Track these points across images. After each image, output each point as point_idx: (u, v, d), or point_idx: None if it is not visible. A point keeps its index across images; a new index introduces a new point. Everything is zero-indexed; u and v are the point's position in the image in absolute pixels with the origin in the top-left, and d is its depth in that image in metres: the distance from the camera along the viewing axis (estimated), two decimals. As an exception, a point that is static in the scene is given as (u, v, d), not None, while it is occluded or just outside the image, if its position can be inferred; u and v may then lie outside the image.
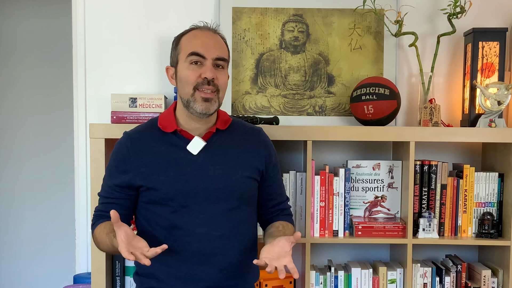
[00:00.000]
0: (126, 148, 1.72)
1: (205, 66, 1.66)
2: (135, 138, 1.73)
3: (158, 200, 1.68)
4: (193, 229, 1.67)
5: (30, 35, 3.92)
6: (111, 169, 1.74)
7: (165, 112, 1.77)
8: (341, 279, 2.20)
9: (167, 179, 1.67)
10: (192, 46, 1.67)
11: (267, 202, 1.84)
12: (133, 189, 1.71)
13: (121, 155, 1.72)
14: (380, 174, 2.26)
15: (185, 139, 1.72)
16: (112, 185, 1.72)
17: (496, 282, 2.18)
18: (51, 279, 3.93)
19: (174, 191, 1.67)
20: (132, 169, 1.69)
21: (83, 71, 2.38)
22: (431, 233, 2.15)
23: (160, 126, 1.73)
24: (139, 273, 1.78)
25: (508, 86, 2.14)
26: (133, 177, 1.69)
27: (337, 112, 2.38)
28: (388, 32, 2.33)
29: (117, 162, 1.72)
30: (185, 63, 1.67)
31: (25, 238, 4.00)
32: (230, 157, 1.74)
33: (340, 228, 2.18)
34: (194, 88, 1.66)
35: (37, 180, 3.97)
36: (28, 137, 3.97)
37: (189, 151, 1.70)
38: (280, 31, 2.37)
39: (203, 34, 1.70)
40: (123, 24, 2.38)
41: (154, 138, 1.73)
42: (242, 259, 1.74)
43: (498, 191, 2.20)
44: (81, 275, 2.38)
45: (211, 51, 1.67)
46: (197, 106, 1.66)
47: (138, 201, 1.74)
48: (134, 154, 1.70)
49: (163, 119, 1.75)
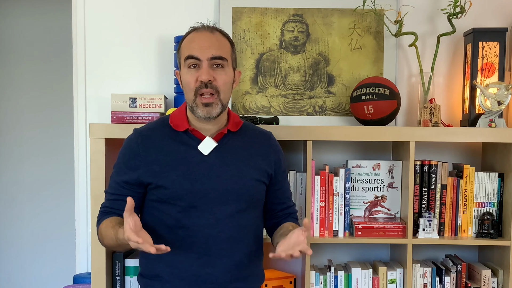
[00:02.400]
0: (136, 144, 1.70)
1: (201, 68, 1.66)
2: (146, 135, 1.72)
3: (167, 198, 1.67)
4: (200, 229, 1.66)
5: (30, 35, 3.92)
6: (120, 166, 1.72)
7: (177, 110, 1.77)
8: (341, 279, 2.20)
9: (176, 178, 1.66)
10: (188, 49, 1.67)
11: (275, 206, 1.83)
12: (141, 186, 1.70)
13: (130, 151, 1.71)
14: (380, 174, 2.26)
15: (196, 139, 1.71)
16: (120, 181, 1.70)
17: (496, 282, 2.18)
18: (51, 279, 3.93)
19: (183, 190, 1.66)
20: (142, 166, 1.68)
21: (83, 71, 2.38)
22: (431, 233, 2.15)
23: (172, 125, 1.72)
24: (143, 275, 1.77)
25: (508, 86, 2.14)
26: (142, 174, 1.68)
27: (337, 112, 2.38)
28: (388, 32, 2.33)
29: (126, 158, 1.71)
30: (185, 68, 1.67)
31: (25, 238, 4.00)
32: (240, 159, 1.73)
33: (340, 228, 2.18)
34: (195, 94, 1.66)
35: (37, 180, 3.97)
36: (28, 137, 3.97)
37: (200, 151, 1.69)
38: (280, 31, 2.37)
39: (199, 36, 1.68)
40: (123, 24, 2.38)
41: (165, 136, 1.72)
42: (248, 262, 1.74)
43: (498, 191, 2.20)
44: (81, 275, 2.38)
45: (206, 52, 1.66)
46: (199, 112, 1.67)
47: (146, 199, 1.73)
48: (144, 151, 1.69)
49: (174, 118, 1.74)
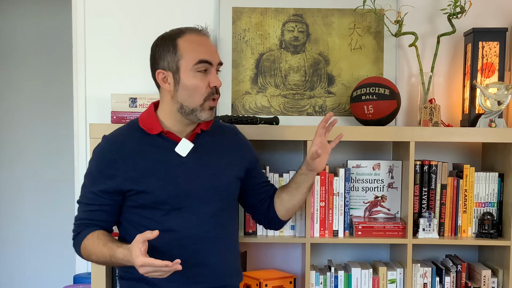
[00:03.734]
0: (110, 152, 1.68)
1: (211, 74, 1.66)
2: (119, 142, 1.69)
3: (149, 203, 1.66)
4: (187, 231, 1.67)
5: (30, 35, 3.92)
6: (95, 175, 1.68)
7: (145, 114, 1.74)
8: (341, 279, 2.20)
9: (158, 182, 1.66)
10: (199, 53, 1.64)
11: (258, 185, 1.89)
12: (120, 194, 1.67)
13: (105, 160, 1.67)
14: (380, 174, 2.26)
15: (171, 141, 1.70)
16: (97, 191, 1.66)
17: (496, 282, 2.18)
18: (51, 279, 3.93)
19: (166, 194, 1.66)
20: (120, 173, 1.65)
21: (83, 71, 2.38)
22: (431, 233, 2.15)
23: (145, 129, 1.70)
24: (124, 277, 1.73)
25: (508, 86, 2.14)
26: (121, 182, 1.65)
27: (337, 112, 2.38)
28: (388, 32, 2.33)
29: (101, 167, 1.67)
30: (191, 71, 1.64)
31: (25, 238, 4.00)
32: (216, 157, 1.75)
33: (340, 228, 2.18)
34: (205, 99, 1.65)
35: (37, 180, 3.97)
36: (28, 137, 3.96)
37: (177, 153, 1.69)
38: (280, 31, 2.37)
39: (204, 40, 1.68)
40: (123, 24, 2.38)
41: (139, 141, 1.69)
42: (231, 260, 1.78)
43: (498, 191, 2.20)
44: (81, 275, 2.39)
45: (215, 56, 1.67)
46: (203, 115, 1.67)
47: (124, 205, 1.70)
48: (120, 158, 1.66)
49: (145, 121, 1.71)
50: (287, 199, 1.87)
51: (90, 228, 1.67)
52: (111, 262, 1.62)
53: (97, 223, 1.68)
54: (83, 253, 1.68)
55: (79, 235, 1.68)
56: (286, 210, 1.89)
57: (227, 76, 2.35)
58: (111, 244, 1.59)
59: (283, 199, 1.88)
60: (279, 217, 1.90)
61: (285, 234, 2.18)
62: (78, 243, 1.68)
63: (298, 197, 1.88)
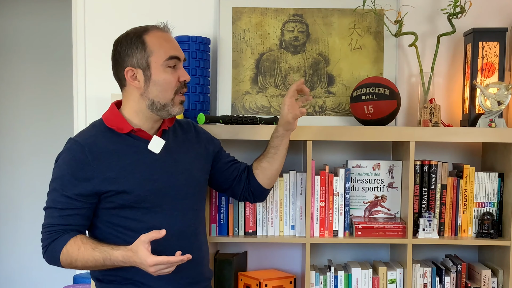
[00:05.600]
0: (82, 154, 1.63)
1: (180, 68, 1.70)
2: (91, 143, 1.65)
3: (129, 203, 1.65)
4: (171, 227, 1.64)
5: (30, 35, 3.92)
6: (67, 178, 1.62)
7: (109, 114, 1.72)
8: (341, 279, 2.20)
9: (136, 181, 1.65)
10: (169, 49, 1.68)
11: (226, 165, 1.94)
12: (96, 196, 1.64)
13: (77, 162, 1.62)
14: (380, 174, 2.26)
15: (141, 139, 1.70)
16: (72, 194, 1.62)
17: (496, 282, 2.18)
18: (51, 279, 3.93)
19: (146, 192, 1.66)
20: (95, 175, 1.62)
21: (83, 71, 2.38)
22: (431, 233, 2.15)
23: (115, 128, 1.68)
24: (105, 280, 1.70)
25: (508, 86, 2.14)
26: (99, 183, 1.62)
27: (337, 112, 2.38)
28: (388, 32, 2.33)
29: (74, 170, 1.62)
30: (162, 67, 1.66)
31: (25, 238, 4.00)
32: (184, 152, 1.79)
33: (340, 228, 2.18)
34: (175, 93, 1.69)
35: (37, 180, 3.96)
36: (28, 137, 3.97)
37: (150, 151, 1.70)
38: (280, 31, 2.37)
39: (169, 36, 1.72)
40: (123, 24, 2.36)
41: (110, 140, 1.67)
42: (207, 252, 1.85)
43: (498, 191, 2.20)
44: (81, 275, 2.39)
45: (181, 52, 1.72)
46: (174, 109, 1.70)
47: (99, 207, 1.67)
48: (94, 160, 1.63)
49: (113, 121, 1.70)
50: (268, 166, 1.94)
51: (68, 234, 1.63)
52: (102, 266, 1.60)
53: (74, 228, 1.64)
54: (64, 260, 1.62)
55: (56, 242, 1.63)
56: (269, 177, 1.96)
57: (227, 76, 2.35)
58: (103, 247, 1.58)
59: (265, 168, 1.94)
60: (263, 186, 1.96)
61: (285, 234, 2.19)
62: (55, 250, 1.63)
63: (279, 160, 1.94)
